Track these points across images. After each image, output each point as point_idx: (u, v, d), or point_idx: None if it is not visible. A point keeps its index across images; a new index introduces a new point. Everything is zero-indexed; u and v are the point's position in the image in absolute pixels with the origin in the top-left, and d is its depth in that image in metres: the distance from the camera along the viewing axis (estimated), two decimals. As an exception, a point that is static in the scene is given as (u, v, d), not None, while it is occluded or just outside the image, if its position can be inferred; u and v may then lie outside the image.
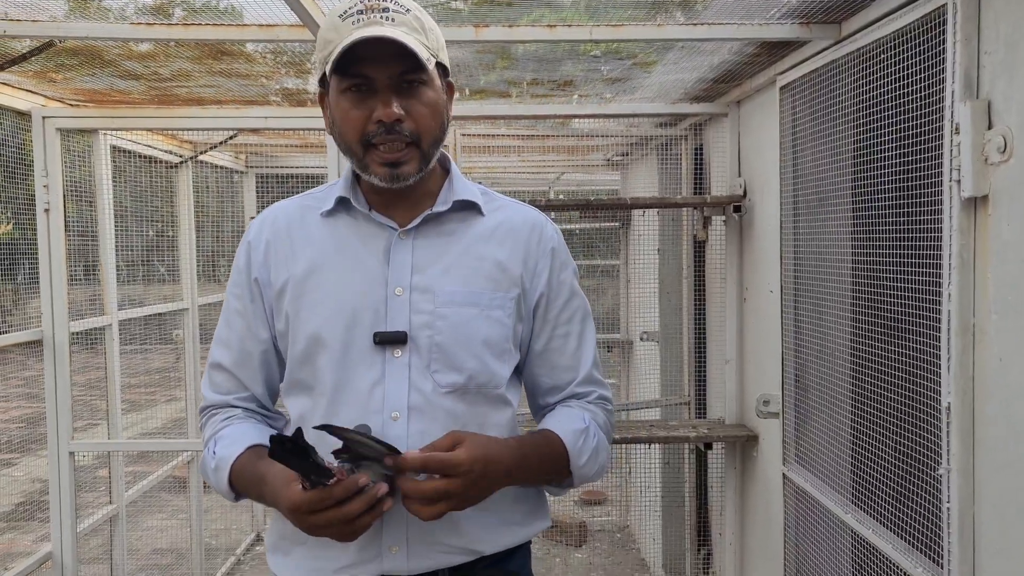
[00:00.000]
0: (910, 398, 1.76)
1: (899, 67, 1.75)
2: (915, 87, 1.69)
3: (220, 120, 3.20)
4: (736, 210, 2.92)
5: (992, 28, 1.48)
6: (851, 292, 2.07)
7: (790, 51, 2.39)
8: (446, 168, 1.39)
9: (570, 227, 5.52)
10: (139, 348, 3.89)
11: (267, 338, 1.35)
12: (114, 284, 3.35)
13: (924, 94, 1.66)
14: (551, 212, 4.84)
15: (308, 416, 1.29)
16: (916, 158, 1.71)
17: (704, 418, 3.40)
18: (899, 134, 1.79)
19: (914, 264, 1.71)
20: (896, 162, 1.82)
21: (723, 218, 3.04)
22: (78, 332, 3.10)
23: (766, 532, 2.75)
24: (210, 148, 4.03)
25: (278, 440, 1.03)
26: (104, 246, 3.31)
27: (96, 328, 3.27)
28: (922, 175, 1.69)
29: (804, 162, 2.32)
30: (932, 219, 1.65)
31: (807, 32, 2.14)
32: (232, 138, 3.88)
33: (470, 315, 1.28)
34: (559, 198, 5.73)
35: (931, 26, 1.62)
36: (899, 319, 1.79)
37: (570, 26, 2.21)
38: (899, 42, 1.76)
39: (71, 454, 2.92)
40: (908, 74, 1.71)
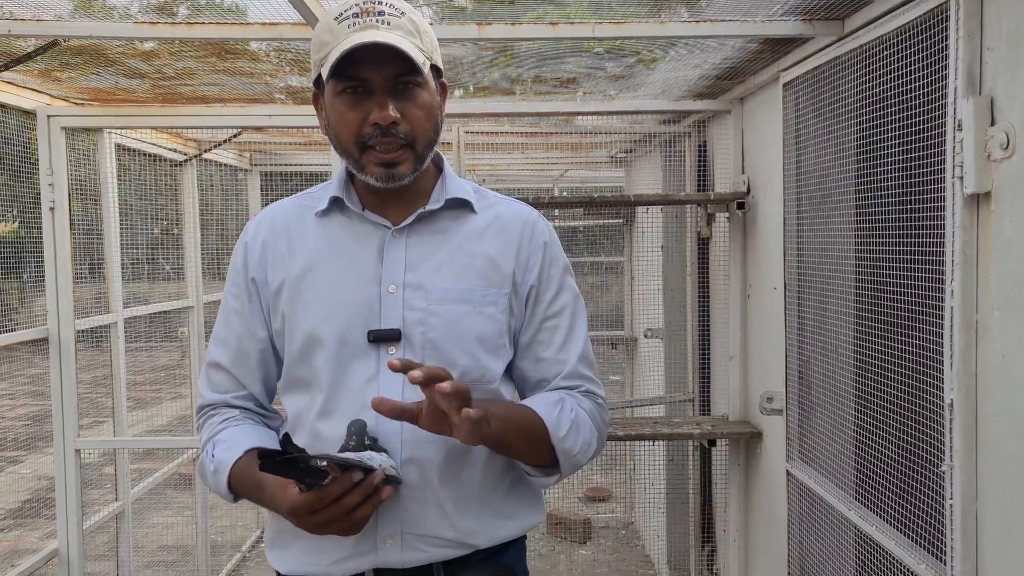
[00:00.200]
0: (913, 395, 1.76)
1: (902, 64, 1.75)
2: (918, 84, 1.69)
3: (224, 118, 3.21)
4: (740, 207, 2.92)
5: (995, 24, 1.48)
6: (854, 289, 2.07)
7: (793, 48, 2.39)
8: (440, 167, 1.41)
9: (574, 224, 5.52)
10: (144, 346, 3.91)
11: (265, 337, 1.37)
12: (119, 282, 3.37)
13: (927, 91, 1.66)
14: (555, 209, 4.85)
15: (305, 413, 1.31)
16: (919, 155, 1.71)
17: (708, 415, 3.40)
18: (902, 131, 1.79)
19: (917, 261, 1.71)
20: (899, 159, 1.82)
21: (727, 215, 3.04)
22: (83, 330, 3.11)
23: (770, 528, 2.76)
24: (214, 146, 4.04)
25: (266, 455, 1.03)
26: (109, 244, 3.32)
27: (101, 326, 3.29)
28: (925, 172, 1.69)
29: (807, 159, 2.32)
30: (935, 216, 1.65)
31: (810, 29, 2.14)
32: (236, 136, 3.90)
33: (462, 312, 1.29)
34: (563, 195, 5.73)
35: (934, 23, 1.62)
36: (902, 316, 1.79)
37: (573, 23, 2.22)
38: (902, 39, 1.76)
39: (77, 451, 2.93)
40: (911, 71, 1.71)
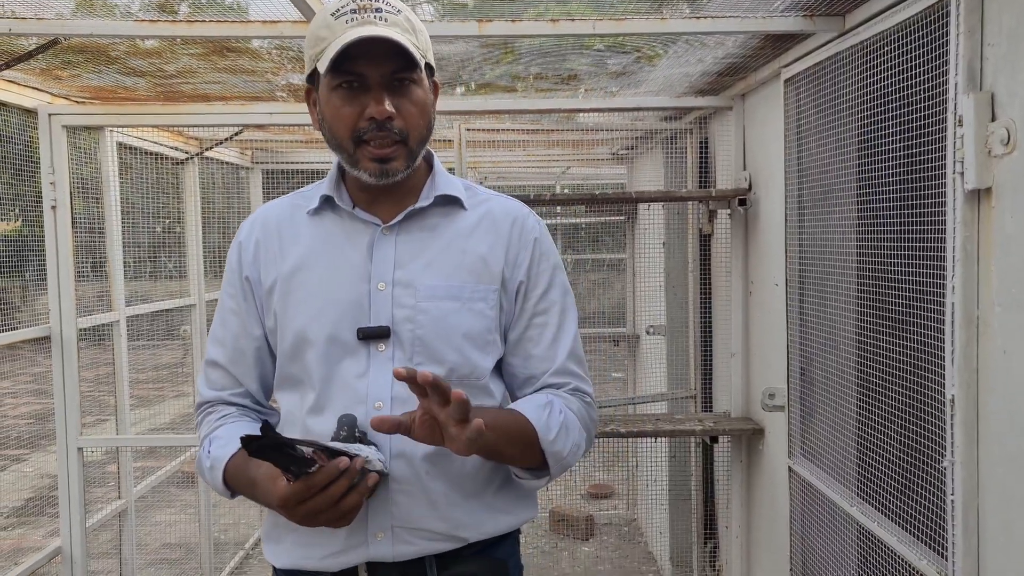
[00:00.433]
0: (914, 391, 1.76)
1: (903, 59, 1.75)
2: (919, 79, 1.69)
3: (226, 116, 3.21)
4: (741, 203, 2.92)
5: (995, 20, 1.48)
6: (856, 285, 2.07)
7: (794, 44, 2.39)
8: (430, 164, 1.41)
9: (576, 221, 5.52)
10: (147, 344, 3.91)
11: (260, 335, 1.38)
12: (121, 280, 3.37)
13: (928, 86, 1.66)
14: (557, 206, 4.85)
15: (297, 410, 1.32)
16: (920, 150, 1.71)
17: (710, 411, 3.40)
18: (903, 126, 1.79)
19: (918, 257, 1.71)
20: (900, 155, 1.82)
21: (728, 211, 3.04)
22: (86, 328, 3.11)
23: (772, 525, 2.76)
24: (216, 144, 4.04)
25: (249, 439, 1.04)
26: (111, 242, 3.32)
27: (104, 324, 3.29)
28: (926, 167, 1.69)
29: (809, 155, 2.32)
30: (936, 212, 1.65)
31: (811, 25, 2.14)
32: (238, 134, 3.90)
33: (451, 308, 1.30)
34: (565, 192, 5.73)
35: (934, 18, 1.62)
36: (903, 312, 1.79)
37: (574, 20, 2.22)
38: (903, 34, 1.75)
39: (80, 450, 2.94)
40: (912, 66, 1.71)
